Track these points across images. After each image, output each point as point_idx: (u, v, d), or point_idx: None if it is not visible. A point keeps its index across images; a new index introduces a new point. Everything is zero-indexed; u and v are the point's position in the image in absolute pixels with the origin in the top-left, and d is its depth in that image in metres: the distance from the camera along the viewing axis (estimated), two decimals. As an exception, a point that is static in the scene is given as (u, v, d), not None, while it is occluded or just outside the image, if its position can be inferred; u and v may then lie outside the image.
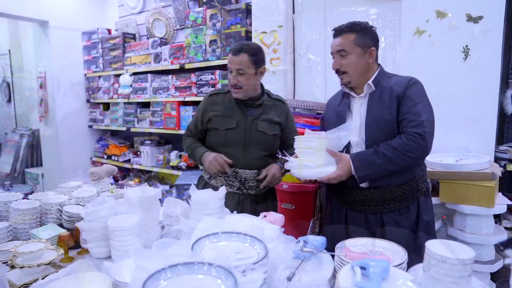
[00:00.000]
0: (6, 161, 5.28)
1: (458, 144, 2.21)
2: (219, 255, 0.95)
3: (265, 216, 1.46)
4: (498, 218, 2.32)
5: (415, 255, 1.11)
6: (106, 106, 4.73)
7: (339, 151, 1.51)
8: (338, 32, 1.57)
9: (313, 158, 1.44)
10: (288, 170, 1.59)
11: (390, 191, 1.50)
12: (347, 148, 1.56)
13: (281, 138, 1.98)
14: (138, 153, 4.33)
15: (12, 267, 1.30)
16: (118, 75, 4.34)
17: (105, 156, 4.67)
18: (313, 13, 2.99)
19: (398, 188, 1.50)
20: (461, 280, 0.98)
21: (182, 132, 3.57)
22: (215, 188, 1.52)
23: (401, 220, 1.51)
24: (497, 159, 2.27)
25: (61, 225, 1.63)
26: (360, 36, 1.54)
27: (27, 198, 1.76)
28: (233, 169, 1.85)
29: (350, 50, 1.53)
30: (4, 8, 3.99)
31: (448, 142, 2.23)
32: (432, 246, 1.03)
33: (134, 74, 4.26)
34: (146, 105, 4.33)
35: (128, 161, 4.44)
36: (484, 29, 2.08)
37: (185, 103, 3.88)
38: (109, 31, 4.67)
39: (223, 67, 3.56)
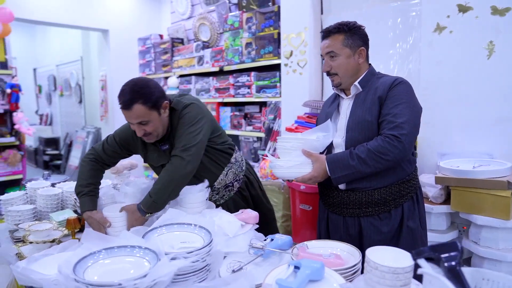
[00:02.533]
0: (76, 155, 6.00)
1: (480, 149, 2.02)
2: (164, 242, 1.05)
3: (242, 212, 1.52)
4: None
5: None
6: (158, 106, 5.11)
7: (320, 152, 1.50)
8: (326, 33, 1.55)
9: (289, 158, 1.46)
10: None
11: (368, 195, 1.45)
12: (329, 149, 1.55)
13: None
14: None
15: (23, 242, 1.55)
16: (167, 77, 4.67)
17: (156, 153, 5.04)
18: (341, 13, 2.94)
19: (377, 192, 1.44)
20: (392, 289, 0.94)
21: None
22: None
23: (380, 225, 1.45)
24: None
25: (76, 211, 1.86)
26: (348, 36, 1.51)
27: (54, 187, 2.03)
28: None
29: (339, 51, 1.51)
30: (73, 20, 4.56)
31: (470, 146, 2.05)
32: (371, 252, 1.01)
33: (181, 76, 4.56)
34: (190, 105, 4.59)
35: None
36: (511, 22, 1.88)
37: (224, 104, 4.05)
38: (161, 36, 5.04)
39: (258, 69, 3.66)
